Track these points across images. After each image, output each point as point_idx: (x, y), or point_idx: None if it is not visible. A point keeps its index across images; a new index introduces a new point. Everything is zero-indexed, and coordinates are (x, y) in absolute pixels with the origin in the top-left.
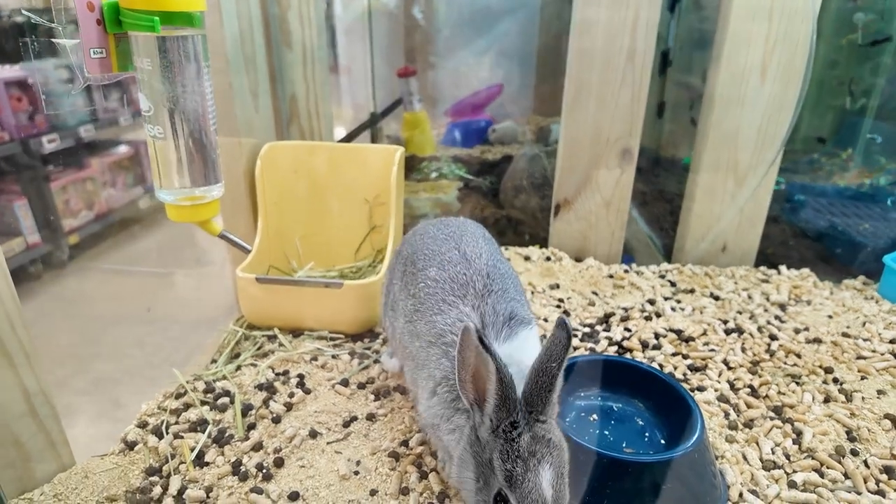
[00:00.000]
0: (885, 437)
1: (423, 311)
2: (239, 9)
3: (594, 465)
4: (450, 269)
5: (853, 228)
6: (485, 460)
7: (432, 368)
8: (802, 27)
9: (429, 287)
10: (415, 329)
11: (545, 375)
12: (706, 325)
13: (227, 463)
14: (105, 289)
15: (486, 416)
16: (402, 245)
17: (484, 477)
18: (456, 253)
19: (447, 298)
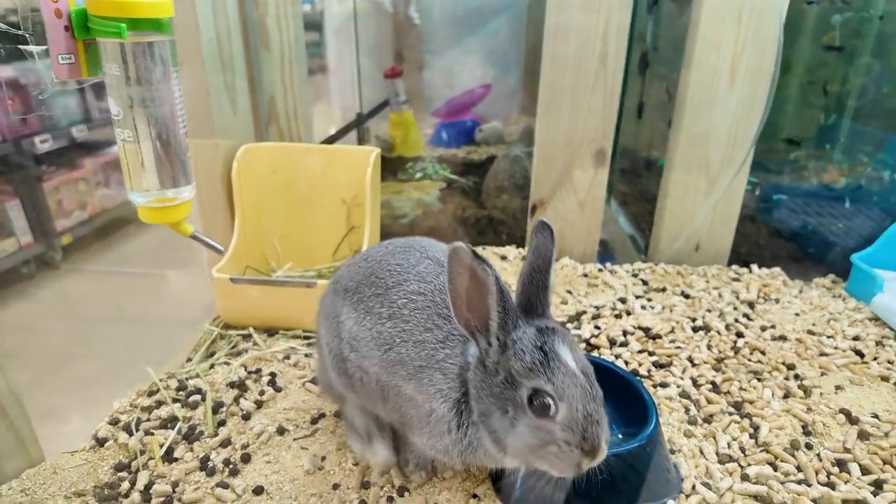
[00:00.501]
0: (839, 431)
1: (409, 331)
2: (216, 12)
3: None
4: (433, 279)
5: (825, 228)
6: (502, 382)
7: (426, 391)
8: (770, 30)
9: (414, 303)
10: (398, 356)
11: (539, 275)
12: (674, 323)
13: (196, 458)
14: (95, 289)
15: (492, 337)
16: (335, 284)
17: (509, 400)
18: (429, 262)
19: (441, 312)
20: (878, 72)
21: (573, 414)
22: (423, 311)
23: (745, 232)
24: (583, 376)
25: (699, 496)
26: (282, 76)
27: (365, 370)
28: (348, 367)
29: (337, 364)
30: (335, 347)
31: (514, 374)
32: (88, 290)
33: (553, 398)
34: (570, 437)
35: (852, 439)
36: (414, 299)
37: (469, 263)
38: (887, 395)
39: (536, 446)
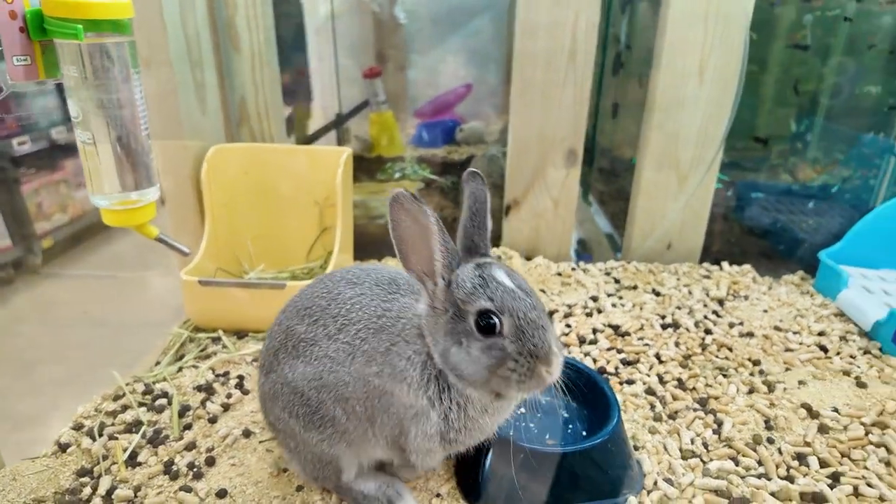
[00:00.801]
0: (801, 426)
1: (364, 327)
2: (183, 12)
3: (514, 456)
4: (364, 279)
5: (796, 225)
6: (451, 317)
7: (397, 367)
8: (737, 32)
9: (356, 303)
10: (364, 356)
11: (477, 217)
12: (644, 321)
13: (160, 462)
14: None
15: (438, 277)
16: (264, 370)
17: (461, 332)
18: (345, 275)
19: (386, 297)
20: (848, 71)
21: (517, 323)
22: (367, 306)
23: (717, 230)
24: (522, 291)
25: (660, 492)
26: (252, 76)
27: (341, 398)
28: (324, 413)
29: (312, 426)
30: (301, 412)
31: (459, 303)
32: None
33: (496, 314)
34: (521, 346)
35: (812, 433)
36: (355, 301)
37: (409, 208)
38: (847, 389)
39: (494, 366)
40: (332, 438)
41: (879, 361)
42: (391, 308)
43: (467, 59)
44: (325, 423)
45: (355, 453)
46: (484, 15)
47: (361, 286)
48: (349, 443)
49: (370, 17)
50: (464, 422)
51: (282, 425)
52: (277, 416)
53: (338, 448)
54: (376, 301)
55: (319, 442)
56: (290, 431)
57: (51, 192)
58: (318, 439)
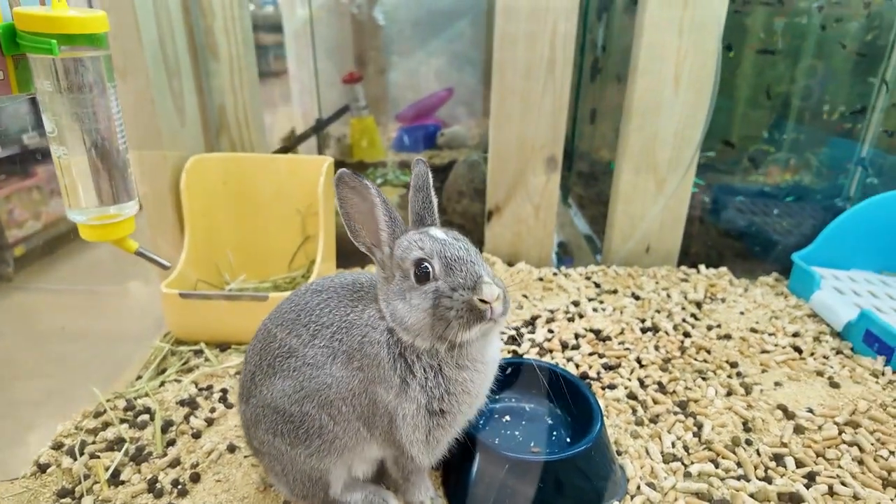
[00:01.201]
0: (777, 427)
1: (336, 326)
2: (159, 21)
3: (498, 465)
4: (326, 285)
5: (770, 227)
6: (399, 279)
7: (371, 349)
8: (710, 39)
9: (324, 307)
10: (344, 354)
11: (421, 192)
12: (624, 325)
13: (143, 480)
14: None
15: (384, 246)
16: (243, 399)
17: (405, 290)
18: (309, 288)
19: (351, 296)
20: (817, 75)
21: (446, 262)
22: (335, 308)
23: (694, 232)
24: (453, 239)
25: (643, 496)
26: (231, 85)
27: (325, 403)
28: (309, 425)
29: (299, 441)
30: (286, 430)
31: (400, 263)
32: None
33: (426, 259)
34: (451, 282)
35: (789, 434)
36: (323, 307)
37: (354, 185)
38: (821, 389)
39: (432, 308)
40: (321, 450)
41: (851, 361)
42: (357, 305)
43: (447, 63)
44: (311, 435)
45: (346, 461)
46: (463, 19)
47: (326, 292)
48: (340, 451)
49: (349, 20)
50: (444, 385)
51: (266, 448)
52: (261, 440)
53: (327, 460)
54: (343, 302)
55: (308, 457)
56: (276, 453)
57: (23, 198)
58: (307, 454)
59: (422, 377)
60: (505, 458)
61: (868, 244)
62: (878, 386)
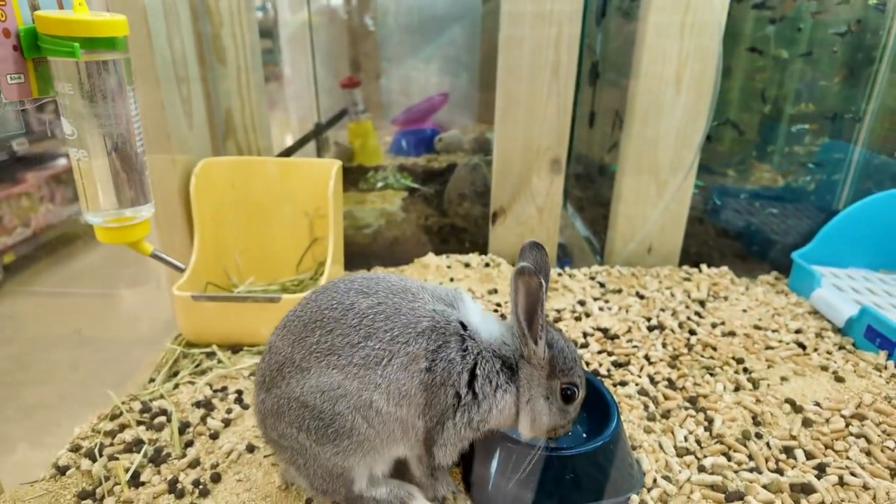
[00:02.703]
0: (786, 420)
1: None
2: (169, 27)
3: (519, 459)
4: (374, 290)
5: (768, 227)
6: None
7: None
8: (711, 42)
9: (377, 316)
10: (407, 356)
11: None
12: (631, 323)
13: (164, 481)
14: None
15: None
16: (271, 356)
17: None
18: (351, 286)
19: (407, 306)
20: (809, 78)
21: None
22: (395, 313)
23: (695, 233)
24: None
25: (660, 489)
26: (238, 89)
27: (363, 405)
28: (340, 425)
29: (327, 439)
30: (314, 426)
31: (558, 369)
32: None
33: (578, 390)
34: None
35: (797, 427)
36: (377, 311)
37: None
38: (826, 383)
39: (556, 425)
40: (348, 450)
41: (854, 356)
42: (426, 313)
43: (443, 68)
44: (340, 435)
45: (370, 462)
46: (458, 25)
47: (376, 295)
48: (366, 452)
49: (345, 26)
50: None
51: (288, 441)
52: (282, 433)
53: (352, 459)
54: (403, 308)
55: (334, 455)
56: (299, 447)
57: (12, 205)
58: (333, 452)
59: (486, 412)
60: (526, 452)
61: (865, 243)
62: (881, 379)
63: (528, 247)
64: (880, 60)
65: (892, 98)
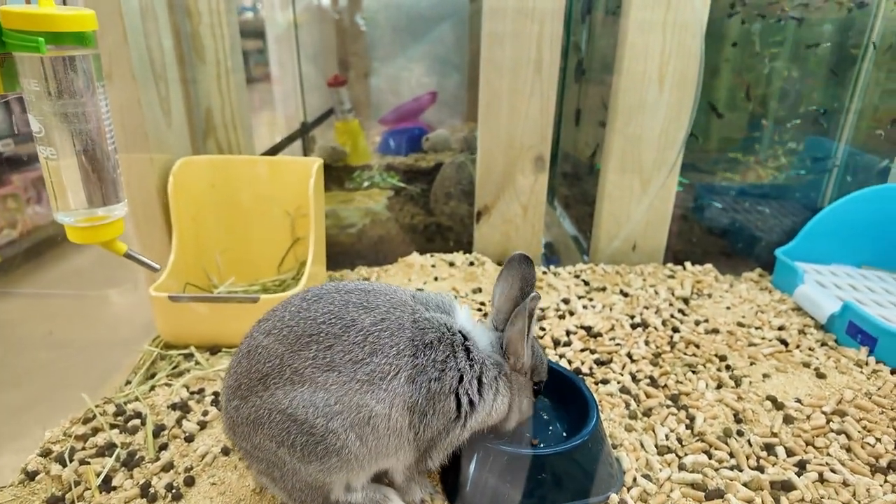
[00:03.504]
0: (767, 417)
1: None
2: (145, 23)
3: (496, 460)
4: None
5: (752, 224)
6: (529, 377)
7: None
8: (693, 41)
9: (381, 333)
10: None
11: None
12: (614, 321)
13: (136, 486)
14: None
15: (526, 352)
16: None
17: (528, 387)
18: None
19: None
20: (794, 76)
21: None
22: (400, 329)
23: (679, 230)
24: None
25: (640, 488)
26: (218, 87)
27: (361, 421)
28: (330, 442)
29: (315, 457)
30: (300, 442)
31: (535, 370)
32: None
33: (543, 383)
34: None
35: (778, 424)
36: (382, 327)
37: (531, 308)
38: (808, 380)
39: (530, 414)
40: (334, 468)
41: (835, 353)
42: (430, 325)
43: (430, 68)
44: (329, 452)
45: (352, 477)
46: (445, 24)
47: (377, 310)
48: (350, 469)
49: (332, 25)
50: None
51: (264, 454)
52: (258, 445)
53: (336, 475)
54: (406, 322)
55: (318, 472)
56: (276, 461)
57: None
58: (318, 469)
59: (488, 413)
60: (503, 452)
61: (848, 239)
62: (862, 375)
63: (518, 260)
64: (862, 60)
65: (875, 96)
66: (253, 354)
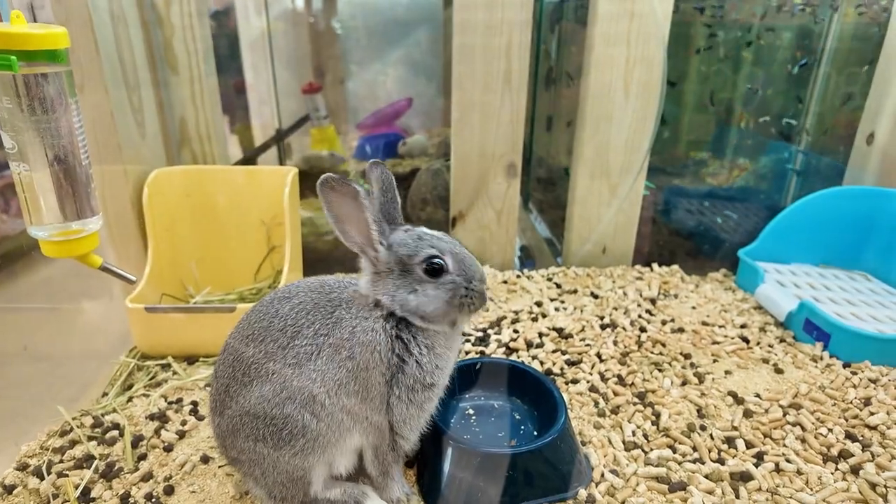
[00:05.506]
0: (728, 412)
1: (321, 325)
2: (117, 35)
3: (469, 459)
4: (297, 293)
5: (717, 226)
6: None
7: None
8: (656, 50)
9: (298, 315)
10: (332, 348)
11: (389, 193)
12: (584, 323)
13: (116, 496)
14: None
15: (376, 244)
16: (218, 380)
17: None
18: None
19: (326, 299)
20: (757, 81)
21: (459, 259)
22: (314, 309)
23: (647, 233)
24: (446, 236)
25: (608, 483)
26: (192, 97)
27: (308, 401)
28: (292, 426)
29: (284, 443)
30: (269, 433)
31: (405, 259)
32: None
33: (440, 257)
34: (466, 276)
35: (739, 418)
36: (298, 310)
37: (340, 189)
38: (767, 375)
39: (451, 299)
40: (305, 449)
41: (793, 348)
42: (338, 302)
43: (406, 73)
44: (294, 435)
45: (329, 458)
46: (420, 30)
47: (296, 297)
48: (323, 447)
49: (306, 31)
50: (434, 361)
51: (247, 455)
52: (240, 448)
53: (311, 458)
54: (321, 303)
55: (292, 457)
56: (257, 458)
57: None
58: (291, 454)
59: (418, 354)
60: (476, 452)
61: (807, 239)
62: (817, 370)
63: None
64: (818, 65)
65: (832, 102)
66: (216, 374)
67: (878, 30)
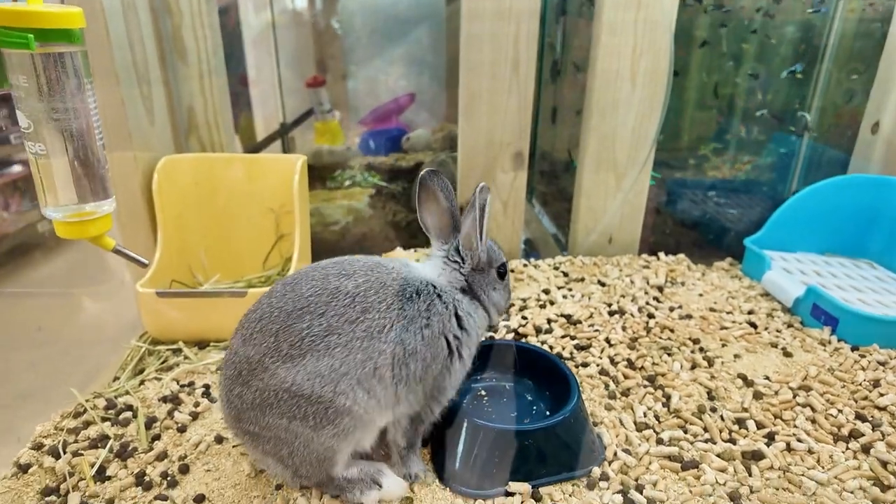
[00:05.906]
0: (738, 394)
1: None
2: (128, 23)
3: (484, 437)
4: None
5: (722, 216)
6: (489, 272)
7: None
8: (663, 40)
9: (367, 291)
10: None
11: (481, 213)
12: (593, 309)
13: (131, 475)
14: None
15: (484, 246)
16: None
17: (491, 279)
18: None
19: (395, 280)
20: (761, 76)
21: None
22: (382, 286)
23: (653, 223)
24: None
25: (620, 461)
26: (201, 86)
27: (367, 376)
28: (340, 403)
29: (327, 421)
30: (311, 411)
31: (492, 262)
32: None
33: (506, 265)
34: (508, 282)
35: (749, 399)
36: (368, 287)
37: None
38: (775, 358)
39: (508, 297)
40: (348, 427)
41: (801, 333)
42: (405, 282)
43: (409, 68)
44: (340, 413)
45: (361, 436)
46: (423, 25)
47: (357, 275)
48: (365, 425)
49: (310, 27)
50: (476, 340)
51: (273, 432)
52: (267, 425)
53: (350, 438)
54: (387, 281)
55: (331, 437)
56: (287, 437)
57: None
58: (332, 433)
59: (470, 326)
60: (490, 428)
61: (812, 228)
62: (825, 353)
63: (427, 178)
64: (822, 60)
65: (835, 93)
66: (248, 341)
67: (881, 26)
